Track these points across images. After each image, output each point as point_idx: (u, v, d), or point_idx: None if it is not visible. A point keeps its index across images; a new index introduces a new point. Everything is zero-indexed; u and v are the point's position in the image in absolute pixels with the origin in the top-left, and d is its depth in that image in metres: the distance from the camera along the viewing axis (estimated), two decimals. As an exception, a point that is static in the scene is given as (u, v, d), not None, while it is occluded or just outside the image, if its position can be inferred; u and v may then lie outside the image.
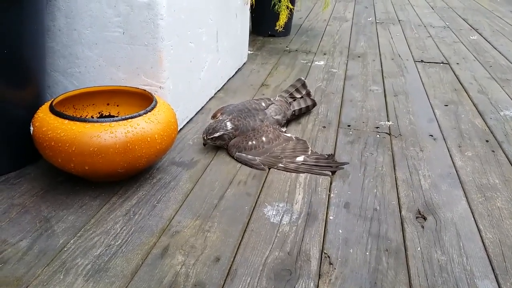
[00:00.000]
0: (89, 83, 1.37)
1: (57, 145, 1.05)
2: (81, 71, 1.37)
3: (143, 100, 1.27)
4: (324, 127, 1.60)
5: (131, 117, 1.10)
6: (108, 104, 1.34)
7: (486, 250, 1.01)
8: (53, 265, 0.91)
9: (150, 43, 1.29)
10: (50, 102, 1.16)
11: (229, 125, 1.37)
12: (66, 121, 1.06)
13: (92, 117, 1.33)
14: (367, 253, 0.98)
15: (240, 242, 1.00)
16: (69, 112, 1.27)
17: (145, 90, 1.28)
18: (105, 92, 1.31)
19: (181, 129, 1.51)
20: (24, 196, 1.12)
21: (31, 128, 1.12)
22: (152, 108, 1.16)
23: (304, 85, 1.72)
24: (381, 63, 2.44)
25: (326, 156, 1.36)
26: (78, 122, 1.06)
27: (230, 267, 0.92)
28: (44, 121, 1.09)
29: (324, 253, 0.98)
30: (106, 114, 1.35)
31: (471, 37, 3.12)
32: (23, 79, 1.19)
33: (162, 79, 1.34)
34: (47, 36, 1.32)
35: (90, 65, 1.36)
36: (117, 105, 1.35)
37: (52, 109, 1.11)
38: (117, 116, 1.28)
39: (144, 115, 1.12)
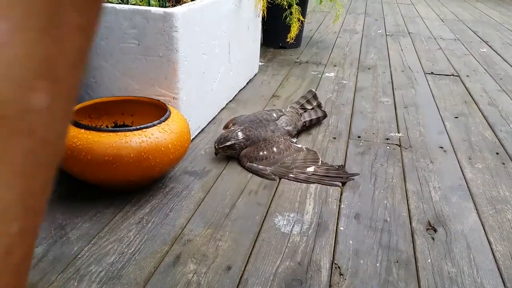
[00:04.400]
0: (104, 93, 1.40)
1: (73, 154, 1.07)
2: (96, 81, 1.41)
3: (157, 110, 1.29)
4: (335, 138, 1.62)
5: (146, 127, 1.12)
6: (122, 114, 1.37)
7: (496, 263, 1.01)
8: (67, 272, 0.92)
9: (165, 55, 1.32)
10: (66, 111, 1.18)
11: (240, 135, 1.39)
12: (82, 130, 1.09)
13: (107, 126, 1.35)
14: (378, 264, 0.99)
15: (251, 252, 1.01)
16: (85, 121, 1.29)
17: (159, 100, 1.31)
18: (120, 102, 1.34)
19: (193, 139, 1.53)
20: (40, 204, 1.14)
21: (48, 137, 1.14)
22: (166, 118, 1.18)
23: (315, 96, 1.74)
24: (391, 75, 2.45)
25: (337, 167, 1.37)
26: (93, 132, 1.08)
27: (241, 276, 0.93)
28: (61, 130, 1.11)
29: (335, 263, 0.98)
30: (121, 124, 1.37)
31: (481, 50, 3.12)
32: (41, 89, 1.22)
33: (176, 90, 1.36)
34: (64, 47, 1.35)
35: (105, 75, 1.39)
36: (132, 115, 1.37)
37: (69, 119, 1.13)
38: (131, 126, 1.31)
39: (158, 125, 1.14)
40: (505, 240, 1.09)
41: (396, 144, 1.58)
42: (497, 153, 1.54)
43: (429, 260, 1.01)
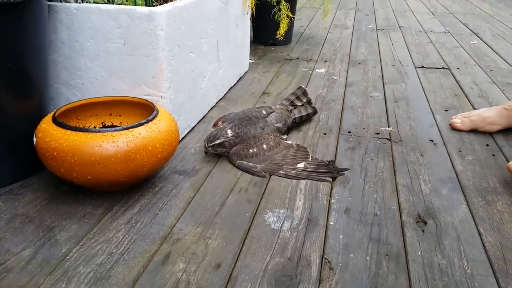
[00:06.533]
0: (92, 94, 1.39)
1: (60, 155, 1.06)
2: (83, 82, 1.40)
3: (145, 110, 1.28)
4: (325, 134, 1.61)
5: (132, 127, 1.11)
6: (110, 115, 1.36)
7: (487, 254, 1.01)
8: (56, 273, 0.92)
9: (151, 54, 1.31)
10: (53, 113, 1.18)
11: (229, 132, 1.39)
12: (69, 131, 1.08)
13: (95, 127, 1.34)
14: (368, 258, 0.98)
15: (241, 249, 1.00)
16: (72, 123, 1.28)
17: (146, 100, 1.30)
18: (107, 102, 1.33)
19: (183, 138, 1.53)
20: (28, 206, 1.14)
21: (34, 139, 1.13)
22: (153, 118, 1.17)
23: (304, 92, 1.73)
24: (381, 69, 2.45)
25: (327, 162, 1.37)
26: (80, 132, 1.07)
27: (231, 274, 0.93)
28: (47, 131, 1.10)
29: (325, 258, 0.98)
30: (109, 124, 1.36)
31: (471, 42, 3.13)
32: (26, 91, 1.21)
33: (163, 89, 1.36)
34: (50, 48, 1.34)
35: (92, 76, 1.38)
36: (120, 115, 1.36)
37: (55, 120, 1.12)
38: (119, 126, 1.30)
39: (145, 124, 1.14)
40: (495, 230, 1.09)
41: (387, 139, 1.58)
42: (487, 145, 1.54)
43: (419, 253, 1.00)
